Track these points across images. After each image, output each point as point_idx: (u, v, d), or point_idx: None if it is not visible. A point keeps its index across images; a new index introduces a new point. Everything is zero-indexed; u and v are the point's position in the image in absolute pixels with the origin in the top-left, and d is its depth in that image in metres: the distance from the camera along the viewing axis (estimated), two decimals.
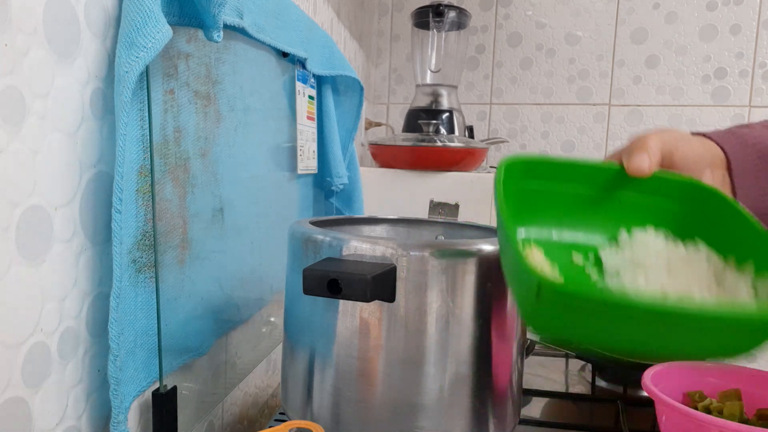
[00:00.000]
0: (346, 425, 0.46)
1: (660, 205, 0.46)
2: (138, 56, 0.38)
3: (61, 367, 0.39)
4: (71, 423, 0.40)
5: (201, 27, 0.48)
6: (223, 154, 0.58)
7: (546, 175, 0.45)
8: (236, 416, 0.70)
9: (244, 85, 0.62)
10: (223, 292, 0.61)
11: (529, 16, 1.49)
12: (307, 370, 0.49)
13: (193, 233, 0.53)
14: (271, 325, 0.77)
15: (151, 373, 0.47)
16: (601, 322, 0.31)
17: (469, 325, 0.45)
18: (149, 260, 0.45)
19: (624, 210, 0.46)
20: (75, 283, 0.39)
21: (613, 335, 0.33)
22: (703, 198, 0.45)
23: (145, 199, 0.45)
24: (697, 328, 0.30)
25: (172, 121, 0.48)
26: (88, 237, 0.40)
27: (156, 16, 0.39)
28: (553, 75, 1.48)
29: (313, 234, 0.48)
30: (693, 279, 0.39)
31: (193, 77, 0.51)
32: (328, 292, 0.39)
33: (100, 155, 0.41)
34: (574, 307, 0.30)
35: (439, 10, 1.27)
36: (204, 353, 0.57)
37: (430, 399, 0.45)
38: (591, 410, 0.70)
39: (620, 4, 1.43)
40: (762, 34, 1.36)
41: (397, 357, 0.45)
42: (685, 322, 0.30)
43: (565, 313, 0.31)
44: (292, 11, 0.68)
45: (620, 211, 0.46)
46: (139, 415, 0.48)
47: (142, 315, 0.45)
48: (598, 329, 0.32)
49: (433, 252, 0.44)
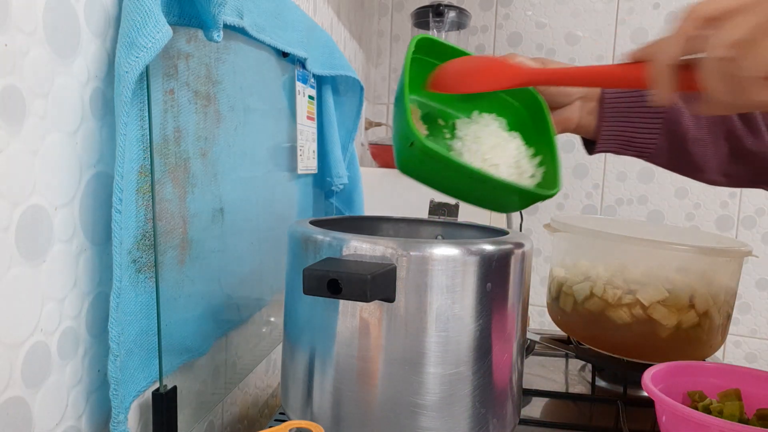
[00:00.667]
0: (346, 425, 0.46)
1: (508, 101, 0.59)
2: (138, 56, 0.38)
3: (61, 367, 0.39)
4: (71, 423, 0.40)
5: (201, 27, 0.48)
6: (223, 154, 0.58)
7: (443, 57, 0.55)
8: (236, 416, 0.70)
9: (244, 85, 0.62)
10: (223, 292, 0.61)
11: (529, 16, 1.49)
12: (307, 370, 0.49)
13: (193, 233, 0.53)
14: (271, 325, 0.77)
15: (151, 373, 0.47)
16: (445, 172, 0.47)
17: (469, 325, 0.45)
18: (149, 260, 0.45)
19: (483, 97, 0.58)
20: (75, 283, 0.39)
21: (450, 183, 0.50)
22: (535, 105, 0.58)
23: (145, 199, 0.45)
24: (490, 188, 0.48)
25: (172, 121, 0.48)
26: (88, 237, 0.40)
27: (156, 16, 0.39)
28: None
29: (313, 234, 0.48)
30: (503, 157, 0.53)
31: (193, 77, 0.51)
32: (328, 292, 0.39)
33: (100, 155, 0.41)
34: (430, 159, 0.46)
35: (439, 10, 1.26)
36: (204, 353, 0.57)
37: (430, 399, 0.45)
38: (591, 410, 0.70)
39: (620, 4, 1.43)
40: None
41: (397, 357, 0.45)
42: (484, 183, 0.47)
43: (425, 163, 0.47)
44: (292, 11, 0.68)
45: (480, 98, 0.58)
46: (139, 415, 0.48)
47: (142, 315, 0.45)
48: (443, 177, 0.49)
49: (433, 252, 0.44)
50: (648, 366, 0.57)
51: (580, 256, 0.77)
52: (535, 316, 1.51)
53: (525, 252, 0.49)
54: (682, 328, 0.68)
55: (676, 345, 0.69)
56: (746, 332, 1.44)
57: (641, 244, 0.69)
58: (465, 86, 0.50)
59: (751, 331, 1.44)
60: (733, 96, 0.37)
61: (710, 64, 0.36)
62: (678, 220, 1.44)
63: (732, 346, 1.45)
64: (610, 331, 0.70)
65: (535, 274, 1.51)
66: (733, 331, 1.43)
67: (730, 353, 1.46)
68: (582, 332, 0.76)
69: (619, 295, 0.70)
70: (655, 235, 0.74)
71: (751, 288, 1.42)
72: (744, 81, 0.35)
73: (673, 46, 0.38)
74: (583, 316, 0.73)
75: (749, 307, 1.43)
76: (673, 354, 0.65)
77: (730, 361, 1.43)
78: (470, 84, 0.50)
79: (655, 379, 0.54)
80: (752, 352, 1.45)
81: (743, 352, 1.45)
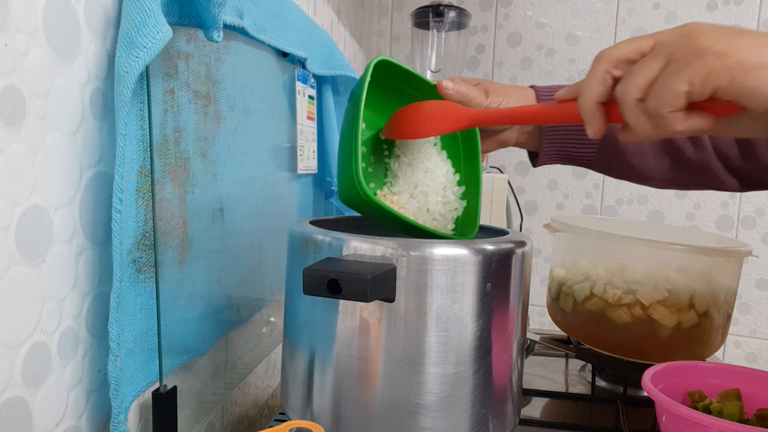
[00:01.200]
0: (346, 425, 0.46)
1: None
2: (138, 56, 0.38)
3: (61, 367, 0.39)
4: (71, 423, 0.40)
5: (201, 27, 0.48)
6: (223, 154, 0.58)
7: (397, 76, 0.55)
8: (236, 416, 0.70)
9: (244, 85, 0.62)
10: (223, 292, 0.61)
11: (529, 16, 1.49)
12: (307, 370, 0.49)
13: (193, 233, 0.53)
14: (271, 325, 0.77)
15: (151, 373, 0.47)
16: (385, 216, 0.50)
17: (469, 325, 0.45)
18: (149, 260, 0.45)
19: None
20: (75, 283, 0.39)
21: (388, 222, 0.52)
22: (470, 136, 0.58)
23: (145, 199, 0.45)
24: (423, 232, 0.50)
25: (172, 121, 0.48)
26: (88, 237, 0.40)
27: (156, 16, 0.39)
28: (553, 75, 1.48)
29: (313, 234, 0.48)
30: (433, 185, 0.55)
31: (193, 77, 0.51)
32: (328, 292, 0.39)
33: (100, 155, 0.41)
34: (374, 209, 0.49)
35: (439, 10, 1.26)
36: (204, 353, 0.57)
37: (430, 399, 0.45)
38: (591, 410, 0.70)
39: (620, 4, 1.43)
40: None
41: (397, 357, 0.45)
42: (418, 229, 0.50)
43: (369, 207, 0.49)
44: (292, 11, 0.68)
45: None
46: (139, 415, 0.48)
47: (142, 315, 0.45)
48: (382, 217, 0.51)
49: (433, 252, 0.44)
50: (648, 366, 0.57)
51: (580, 256, 0.77)
52: (535, 316, 1.51)
53: (525, 252, 0.49)
54: (682, 328, 0.68)
55: (676, 345, 0.69)
56: (746, 332, 1.44)
57: (641, 244, 0.69)
58: (418, 132, 0.52)
59: (751, 331, 1.44)
60: (656, 128, 0.40)
61: (627, 104, 0.40)
62: (678, 220, 1.44)
63: (732, 346, 1.45)
64: (610, 331, 0.70)
65: (535, 274, 1.51)
66: (733, 331, 1.43)
67: (730, 353, 1.46)
68: (582, 332, 0.76)
69: (619, 295, 0.70)
70: (655, 235, 0.74)
71: (751, 288, 1.42)
72: (660, 116, 0.39)
73: (592, 87, 0.42)
74: (583, 316, 0.73)
75: (749, 307, 1.43)
76: (673, 354, 0.65)
77: (730, 361, 1.43)
78: (422, 130, 0.52)
79: (655, 379, 0.54)
80: (752, 352, 1.45)
81: (743, 352, 1.45)
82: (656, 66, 0.39)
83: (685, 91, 0.37)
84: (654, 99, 0.38)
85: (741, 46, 0.36)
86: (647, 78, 0.39)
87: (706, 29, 0.38)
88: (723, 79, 0.36)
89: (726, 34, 0.37)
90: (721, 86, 0.36)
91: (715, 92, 0.36)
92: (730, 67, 0.36)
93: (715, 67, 0.36)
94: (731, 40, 0.36)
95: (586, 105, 0.43)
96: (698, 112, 0.39)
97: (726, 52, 0.36)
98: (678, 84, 0.37)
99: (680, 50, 0.38)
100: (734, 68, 0.35)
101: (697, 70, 0.36)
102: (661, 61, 0.39)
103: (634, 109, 0.40)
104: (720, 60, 0.36)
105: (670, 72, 0.38)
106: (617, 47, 0.42)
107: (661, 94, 0.38)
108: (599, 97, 0.42)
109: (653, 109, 0.39)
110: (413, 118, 0.53)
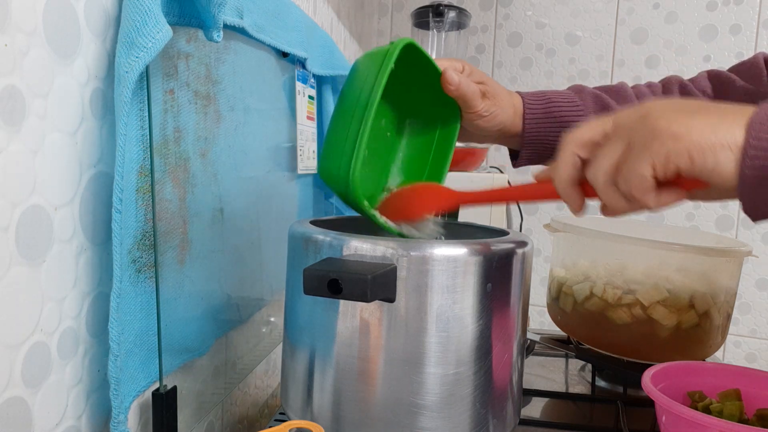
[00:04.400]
0: (346, 425, 0.46)
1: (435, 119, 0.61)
2: (138, 56, 0.38)
3: (61, 367, 0.39)
4: (71, 423, 0.40)
5: (201, 27, 0.48)
6: (223, 154, 0.58)
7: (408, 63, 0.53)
8: (236, 416, 0.70)
9: (244, 85, 0.62)
10: (223, 292, 0.60)
11: (529, 16, 1.49)
12: (307, 370, 0.49)
13: (193, 233, 0.53)
14: (271, 325, 0.77)
15: (151, 373, 0.47)
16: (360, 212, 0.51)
17: (470, 326, 0.45)
18: (149, 260, 0.45)
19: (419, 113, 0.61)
20: (75, 283, 0.39)
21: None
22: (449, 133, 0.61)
23: (145, 199, 0.45)
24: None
25: (172, 121, 0.48)
26: (88, 237, 0.40)
27: (156, 16, 0.39)
28: (553, 75, 1.48)
29: (313, 234, 0.48)
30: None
31: (193, 77, 0.51)
32: (329, 292, 0.39)
33: (100, 155, 0.41)
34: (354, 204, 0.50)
35: (439, 10, 1.26)
36: (204, 353, 0.57)
37: (430, 399, 0.45)
38: (591, 410, 0.70)
39: (620, 4, 1.43)
40: (762, 34, 1.36)
41: (397, 357, 0.45)
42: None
43: (345, 198, 0.50)
44: (292, 11, 0.68)
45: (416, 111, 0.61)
46: (139, 415, 0.48)
47: (142, 315, 0.45)
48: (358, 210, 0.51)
49: (433, 252, 0.44)
50: (648, 366, 0.57)
51: (580, 256, 0.77)
52: (535, 316, 1.51)
53: (525, 252, 0.49)
54: (682, 329, 0.68)
55: (676, 345, 0.69)
56: (746, 332, 1.44)
57: (641, 244, 0.69)
58: (411, 214, 0.54)
59: (751, 331, 1.44)
60: (628, 204, 0.41)
61: (599, 187, 0.41)
62: (678, 220, 1.44)
63: (732, 346, 1.45)
64: (610, 331, 0.70)
65: (535, 274, 1.51)
66: (733, 331, 1.43)
67: (730, 353, 1.46)
68: (582, 332, 0.76)
69: (619, 295, 0.70)
70: (655, 235, 0.74)
71: (751, 288, 1.42)
72: (633, 197, 0.40)
73: (564, 171, 0.44)
74: (583, 316, 0.73)
75: (749, 307, 1.43)
76: (673, 354, 0.65)
77: (730, 361, 1.43)
78: (414, 212, 0.54)
79: (655, 379, 0.54)
80: (752, 352, 1.45)
81: (743, 352, 1.45)
82: (618, 149, 0.40)
83: (650, 173, 0.38)
84: (623, 183, 0.39)
85: (695, 126, 0.36)
86: (611, 161, 0.40)
87: (661, 110, 0.38)
88: (682, 160, 0.36)
89: (681, 114, 0.38)
90: (681, 167, 0.37)
91: (679, 171, 0.37)
92: (687, 148, 0.36)
93: (672, 149, 0.37)
94: (685, 121, 0.37)
95: (560, 187, 0.44)
96: (669, 187, 0.39)
97: (680, 135, 0.36)
98: (641, 167, 0.38)
99: (638, 132, 0.39)
100: (691, 150, 0.36)
101: (657, 152, 0.37)
102: (622, 144, 0.40)
103: (606, 191, 0.41)
104: (676, 142, 0.36)
105: (632, 156, 0.39)
106: (582, 130, 0.43)
107: (628, 178, 0.39)
108: (571, 179, 0.43)
109: (625, 191, 0.40)
110: (409, 200, 0.56)
